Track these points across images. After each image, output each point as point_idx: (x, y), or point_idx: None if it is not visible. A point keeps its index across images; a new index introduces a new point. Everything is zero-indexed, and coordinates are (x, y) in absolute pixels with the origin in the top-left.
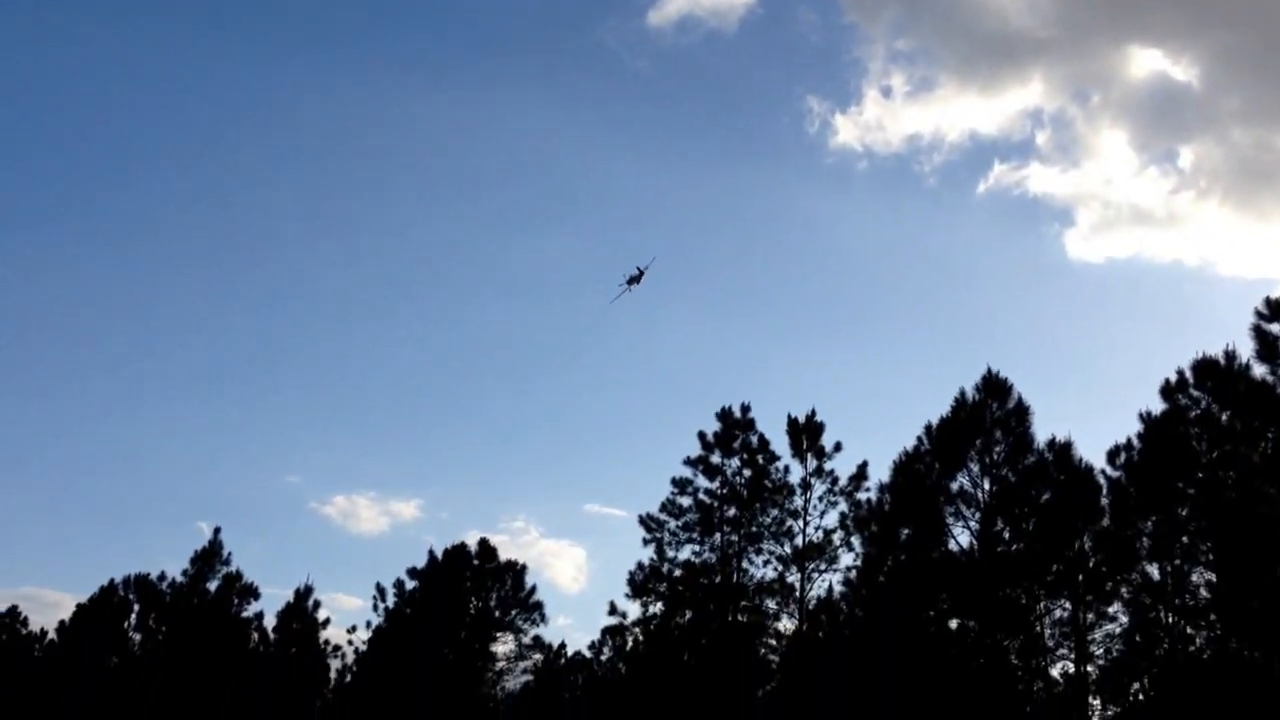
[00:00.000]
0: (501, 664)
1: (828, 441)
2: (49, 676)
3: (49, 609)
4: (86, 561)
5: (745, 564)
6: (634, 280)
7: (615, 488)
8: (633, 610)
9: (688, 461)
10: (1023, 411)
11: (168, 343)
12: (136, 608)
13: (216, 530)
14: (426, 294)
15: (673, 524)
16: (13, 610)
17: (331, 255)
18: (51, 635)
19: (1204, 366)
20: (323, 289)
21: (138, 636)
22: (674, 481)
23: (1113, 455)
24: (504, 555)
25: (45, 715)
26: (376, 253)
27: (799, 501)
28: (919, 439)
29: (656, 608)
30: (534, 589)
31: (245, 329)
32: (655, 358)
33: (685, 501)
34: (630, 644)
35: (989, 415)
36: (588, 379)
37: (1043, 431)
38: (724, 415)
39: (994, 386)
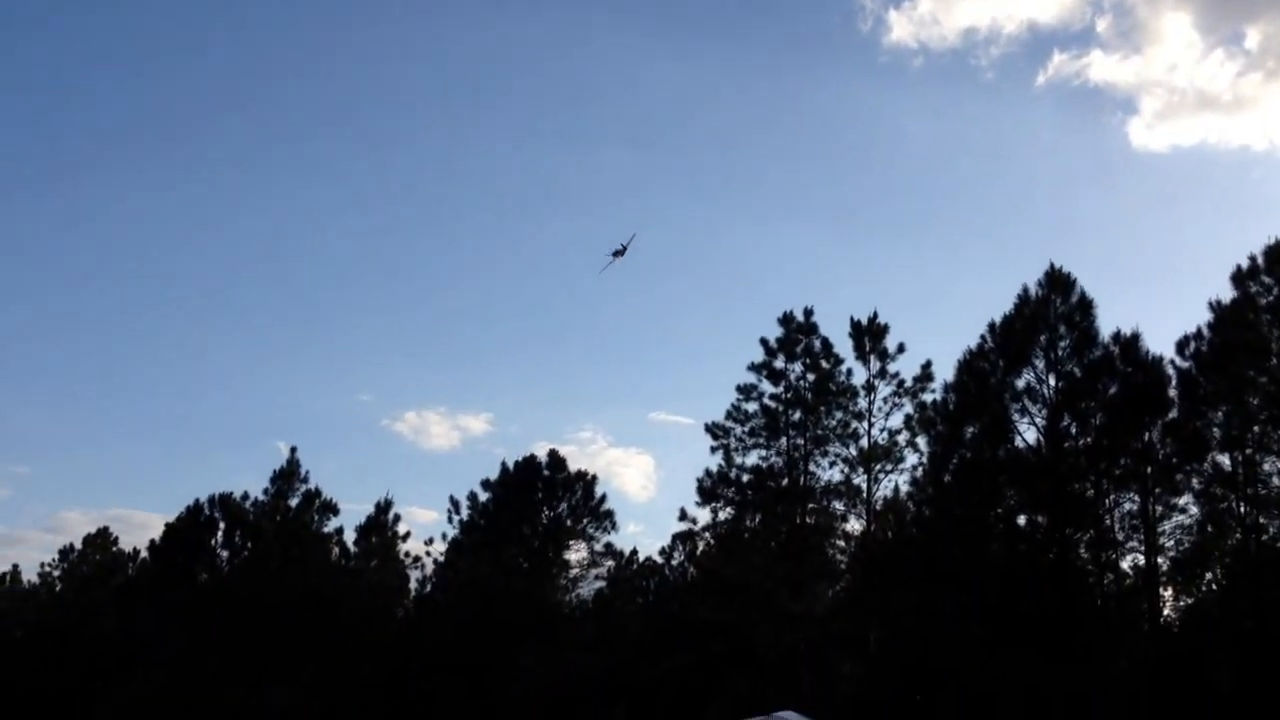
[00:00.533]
0: (575, 571)
1: (890, 343)
2: (145, 593)
3: (137, 529)
4: (171, 483)
5: (812, 467)
6: (618, 254)
7: (680, 395)
8: (702, 516)
9: (752, 367)
10: (1087, 305)
11: (239, 268)
12: (222, 526)
13: (293, 449)
14: (486, 208)
15: (739, 430)
16: (103, 531)
17: (394, 174)
18: (144, 554)
19: (1276, 252)
20: (387, 209)
21: (225, 553)
22: (738, 388)
23: (1181, 346)
24: (573, 465)
25: (142, 630)
26: (438, 169)
27: (863, 404)
28: (982, 337)
29: (725, 513)
30: (604, 498)
31: (309, 251)
32: (714, 263)
33: (750, 407)
34: (701, 549)
35: (1053, 310)
36: (648, 288)
37: (1110, 325)
38: (786, 320)
39: (1057, 281)
